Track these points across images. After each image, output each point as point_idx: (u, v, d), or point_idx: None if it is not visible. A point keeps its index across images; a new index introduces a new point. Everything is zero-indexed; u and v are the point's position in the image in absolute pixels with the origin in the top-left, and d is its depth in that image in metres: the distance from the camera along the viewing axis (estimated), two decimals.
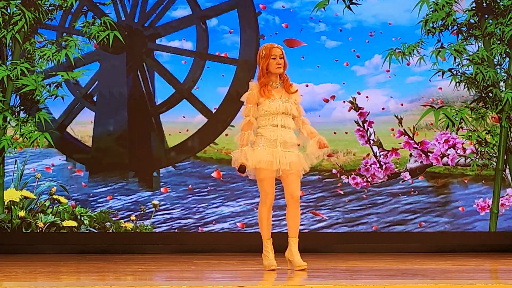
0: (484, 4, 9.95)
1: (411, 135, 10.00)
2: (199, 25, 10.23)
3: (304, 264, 7.33)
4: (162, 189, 10.12)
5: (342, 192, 10.04)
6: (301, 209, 8.02)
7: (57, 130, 10.11)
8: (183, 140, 10.15)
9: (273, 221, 7.55)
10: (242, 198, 10.08)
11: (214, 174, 10.08)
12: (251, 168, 7.30)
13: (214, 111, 10.16)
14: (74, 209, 10.04)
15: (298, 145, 7.41)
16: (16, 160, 10.15)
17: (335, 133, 10.01)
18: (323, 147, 7.33)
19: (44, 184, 10.13)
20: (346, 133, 10.04)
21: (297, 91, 7.42)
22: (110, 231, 10.05)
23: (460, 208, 10.01)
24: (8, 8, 10.01)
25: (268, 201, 7.34)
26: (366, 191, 10.03)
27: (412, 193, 10.03)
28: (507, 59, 9.94)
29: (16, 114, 10.04)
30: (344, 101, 10.02)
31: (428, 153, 10.01)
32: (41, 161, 10.19)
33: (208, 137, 10.15)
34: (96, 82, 10.23)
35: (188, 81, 10.23)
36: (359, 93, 10.01)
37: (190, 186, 10.13)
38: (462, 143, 9.97)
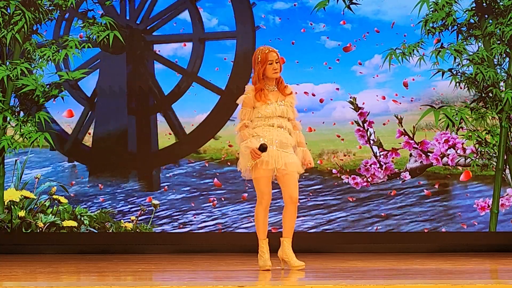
0: (484, 4, 9.95)
1: (411, 135, 10.01)
2: (196, 43, 10.22)
3: (302, 263, 7.36)
4: (162, 189, 10.13)
5: (342, 192, 10.04)
6: (299, 210, 8.02)
7: (73, 146, 10.13)
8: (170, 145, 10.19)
9: (271, 222, 7.55)
10: (242, 198, 10.08)
11: (215, 181, 10.09)
12: (248, 166, 7.30)
13: (212, 109, 10.18)
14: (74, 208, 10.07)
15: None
16: (16, 160, 10.15)
17: (339, 136, 10.05)
18: (307, 165, 7.38)
19: (44, 184, 10.14)
20: (333, 123, 10.03)
21: (292, 93, 7.41)
22: (110, 231, 10.06)
23: (459, 208, 10.01)
24: (8, 8, 10.01)
25: (264, 201, 7.33)
26: (366, 191, 10.03)
27: (412, 193, 10.03)
28: (507, 59, 9.94)
29: (16, 114, 10.04)
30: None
31: (428, 153, 10.01)
32: (42, 161, 10.21)
33: (212, 130, 10.17)
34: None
35: (192, 66, 10.24)
36: (353, 97, 10.03)
37: (190, 186, 10.13)
38: (462, 143, 9.98)
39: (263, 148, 7.17)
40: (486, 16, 9.93)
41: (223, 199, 10.09)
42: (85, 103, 10.21)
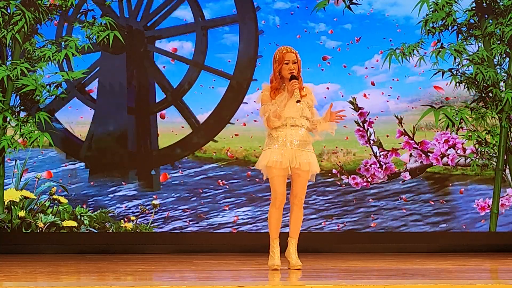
0: (484, 4, 9.95)
1: (411, 135, 10.01)
2: (199, 33, 10.22)
3: (299, 264, 7.37)
4: (161, 189, 10.13)
5: (342, 192, 10.04)
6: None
7: (47, 113, 10.08)
8: (170, 145, 10.18)
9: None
10: (243, 198, 10.08)
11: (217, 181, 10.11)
12: (262, 166, 7.31)
13: (211, 111, 10.17)
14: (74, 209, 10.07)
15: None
16: (16, 160, 10.15)
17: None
18: (335, 117, 7.37)
19: (44, 184, 10.14)
20: (337, 123, 10.03)
21: (307, 94, 7.39)
22: (110, 231, 10.06)
23: (459, 208, 10.01)
24: (8, 8, 10.01)
25: (277, 201, 7.33)
26: (366, 191, 10.03)
27: (412, 193, 10.03)
28: (507, 59, 9.94)
29: (16, 114, 10.04)
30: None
31: (428, 153, 10.01)
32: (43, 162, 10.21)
33: (193, 145, 10.17)
34: (90, 74, 10.23)
35: (182, 86, 10.23)
36: (354, 97, 10.03)
37: (190, 186, 10.13)
38: (462, 143, 9.98)
39: (292, 78, 7.25)
40: (486, 16, 9.94)
41: (224, 198, 10.10)
42: (73, 86, 10.19)
